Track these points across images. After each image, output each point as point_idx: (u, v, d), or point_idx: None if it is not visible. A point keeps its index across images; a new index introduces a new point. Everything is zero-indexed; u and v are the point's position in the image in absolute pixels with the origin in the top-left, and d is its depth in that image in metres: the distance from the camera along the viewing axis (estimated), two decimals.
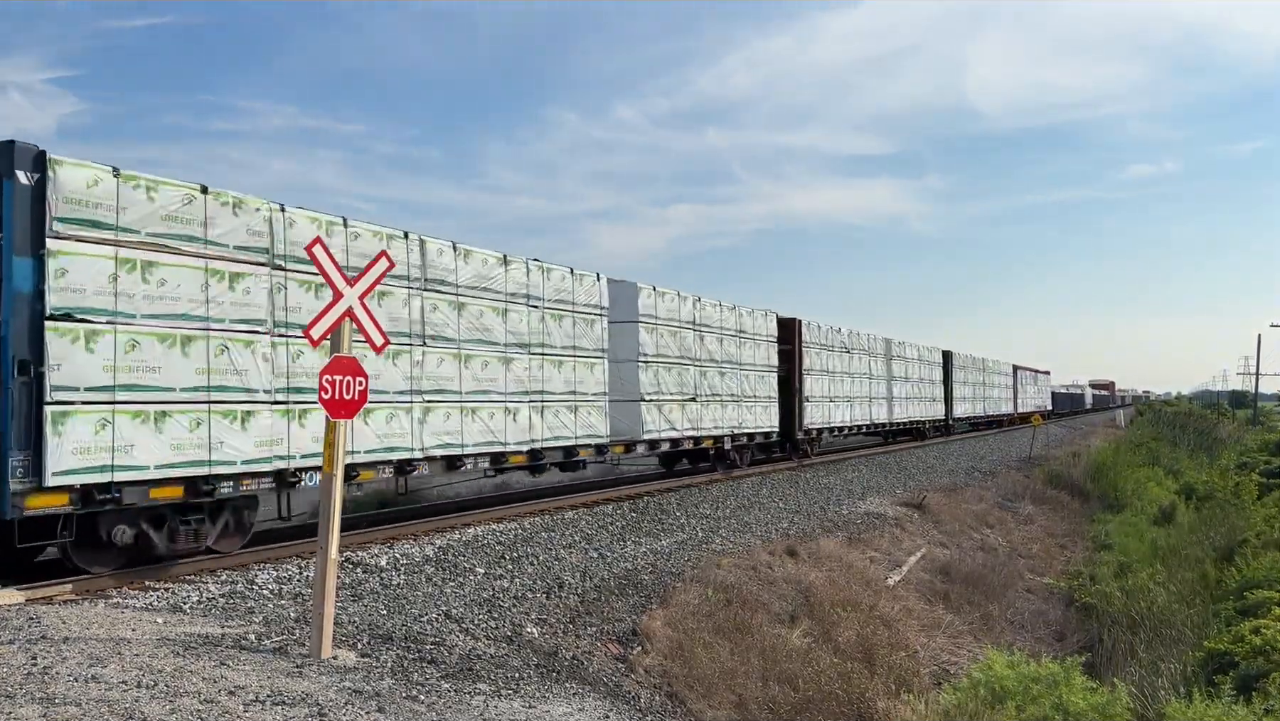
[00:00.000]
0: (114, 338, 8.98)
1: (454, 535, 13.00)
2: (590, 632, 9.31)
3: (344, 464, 7.30)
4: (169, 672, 6.14)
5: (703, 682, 9.21)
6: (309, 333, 7.22)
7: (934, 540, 19.05)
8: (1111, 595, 16.49)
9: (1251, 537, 17.80)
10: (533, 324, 14.97)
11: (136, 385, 9.16)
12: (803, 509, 18.39)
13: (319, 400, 7.06)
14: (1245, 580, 14.12)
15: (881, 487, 23.27)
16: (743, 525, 15.82)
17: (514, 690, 7.04)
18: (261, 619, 8.23)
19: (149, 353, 9.27)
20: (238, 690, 5.92)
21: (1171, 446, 47.60)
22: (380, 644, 7.63)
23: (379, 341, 7.56)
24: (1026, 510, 26.35)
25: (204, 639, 7.29)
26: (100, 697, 5.53)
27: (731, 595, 11.42)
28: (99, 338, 8.86)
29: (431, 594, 9.62)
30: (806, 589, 12.71)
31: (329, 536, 6.97)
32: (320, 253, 7.23)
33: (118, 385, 9.00)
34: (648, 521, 15.29)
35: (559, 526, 14.15)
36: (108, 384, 8.92)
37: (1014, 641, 14.13)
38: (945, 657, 12.85)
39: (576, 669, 8.29)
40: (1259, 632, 10.61)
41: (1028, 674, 9.20)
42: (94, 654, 6.51)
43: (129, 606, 8.53)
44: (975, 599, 15.93)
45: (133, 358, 9.13)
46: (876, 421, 32.74)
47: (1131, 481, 32.62)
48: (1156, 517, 25.21)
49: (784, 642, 10.71)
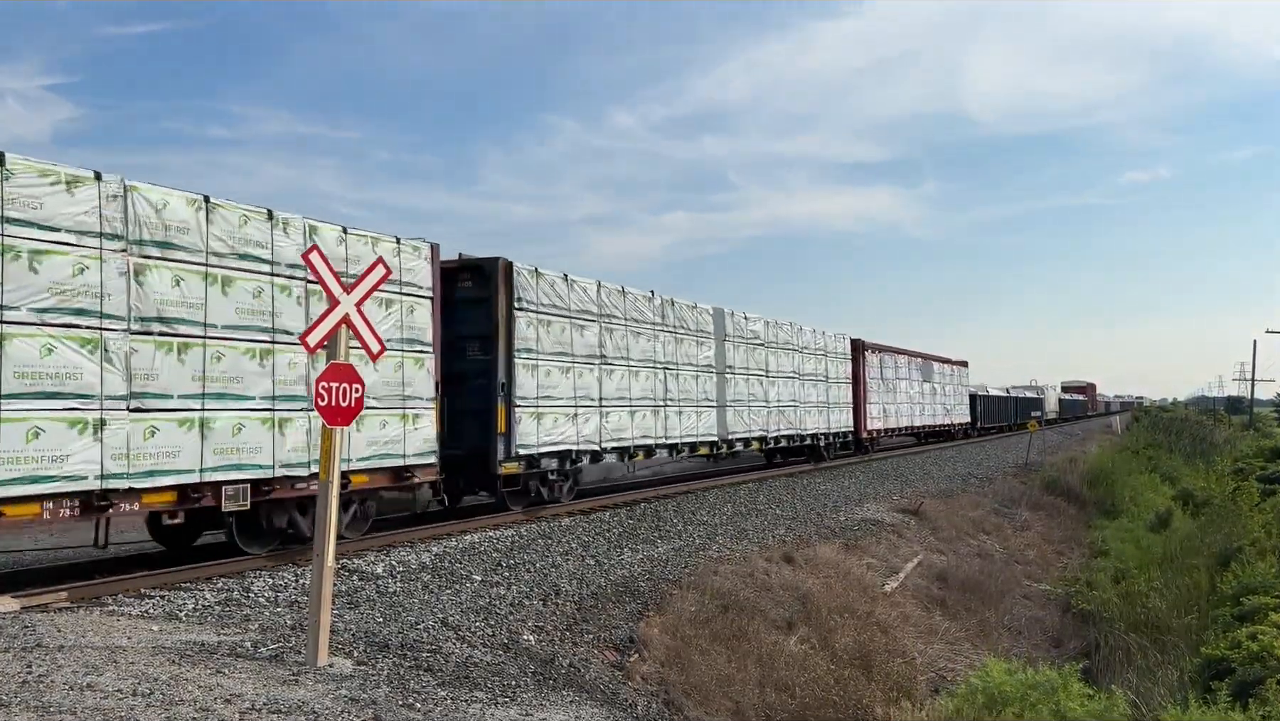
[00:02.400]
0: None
1: (450, 542, 12.98)
2: (587, 640, 9.29)
3: (339, 469, 7.29)
4: (165, 680, 6.12)
5: (700, 690, 9.20)
6: (305, 339, 7.22)
7: (931, 546, 19.04)
8: (1109, 601, 16.50)
9: (1247, 544, 17.80)
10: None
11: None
12: (799, 515, 18.39)
13: (315, 407, 7.06)
14: (1242, 586, 14.12)
15: (879, 494, 23.30)
16: (740, 531, 15.81)
17: (510, 697, 7.02)
18: (258, 626, 8.21)
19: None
20: (234, 698, 5.90)
21: (1168, 452, 47.63)
22: (377, 651, 7.61)
23: (375, 348, 7.55)
24: (1023, 516, 26.36)
25: (200, 646, 7.27)
26: (96, 706, 5.51)
27: (728, 602, 11.40)
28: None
29: (428, 601, 9.61)
30: (804, 595, 12.70)
31: (325, 544, 6.96)
32: (316, 260, 7.23)
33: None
34: (645, 528, 15.27)
35: (555, 533, 14.13)
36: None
37: (1011, 648, 14.13)
38: (943, 664, 12.84)
39: (573, 676, 8.28)
40: (1256, 638, 10.60)
41: (1025, 680, 9.19)
42: (89, 661, 6.49)
43: (124, 613, 8.51)
44: (972, 605, 15.93)
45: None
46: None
47: (1128, 487, 32.63)
48: (1153, 523, 25.22)
49: (781, 649, 10.70)
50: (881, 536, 18.07)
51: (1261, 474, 30.41)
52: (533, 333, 15.55)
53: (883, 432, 34.94)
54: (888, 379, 35.54)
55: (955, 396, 48.11)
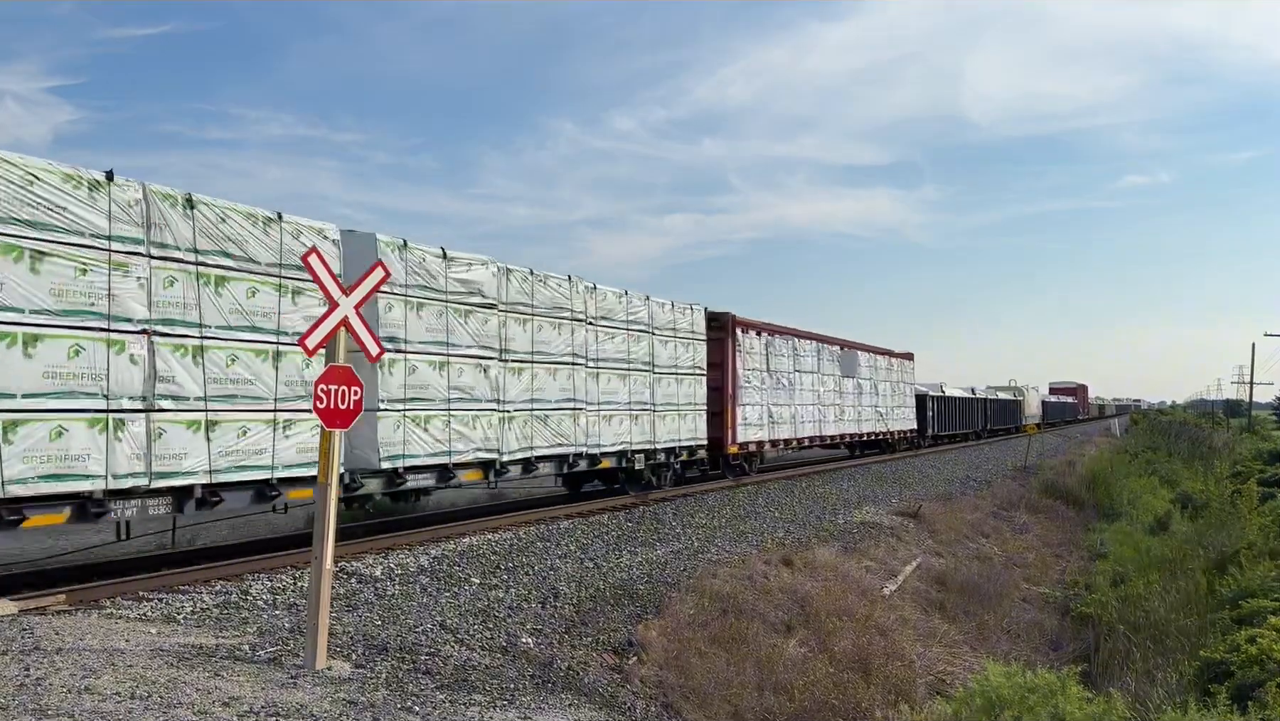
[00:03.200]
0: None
1: (449, 545, 12.98)
2: (586, 643, 9.28)
3: (337, 472, 7.28)
4: (163, 684, 6.12)
5: (698, 693, 9.19)
6: (304, 342, 7.21)
7: (929, 549, 19.04)
8: (1107, 604, 16.48)
9: (1245, 547, 17.81)
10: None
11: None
12: (798, 518, 18.39)
13: (314, 409, 7.05)
14: (1241, 589, 14.12)
15: (878, 497, 23.30)
16: (738, 534, 15.81)
17: (509, 701, 7.01)
18: (256, 629, 8.20)
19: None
20: (232, 701, 5.89)
21: (1167, 456, 47.63)
22: (375, 654, 7.61)
23: (374, 351, 7.55)
24: (1022, 519, 26.36)
25: (198, 649, 7.26)
26: (94, 709, 5.51)
27: (727, 605, 11.40)
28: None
29: (426, 604, 9.60)
30: (802, 598, 12.70)
31: (324, 546, 6.96)
32: (315, 262, 7.23)
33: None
34: (643, 531, 15.27)
35: (554, 536, 14.13)
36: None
37: (1010, 651, 14.11)
38: (941, 667, 12.83)
39: (572, 679, 8.26)
40: (1255, 642, 10.59)
41: (1024, 684, 9.18)
42: (88, 665, 6.48)
43: (123, 616, 8.50)
44: (971, 608, 15.92)
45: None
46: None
47: (1127, 490, 32.62)
48: (1152, 526, 25.21)
49: (780, 652, 10.69)
50: (880, 539, 18.06)
51: (1261, 476, 30.44)
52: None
53: (768, 446, 25.68)
54: (778, 371, 26.11)
55: (895, 397, 38.25)
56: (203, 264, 10.22)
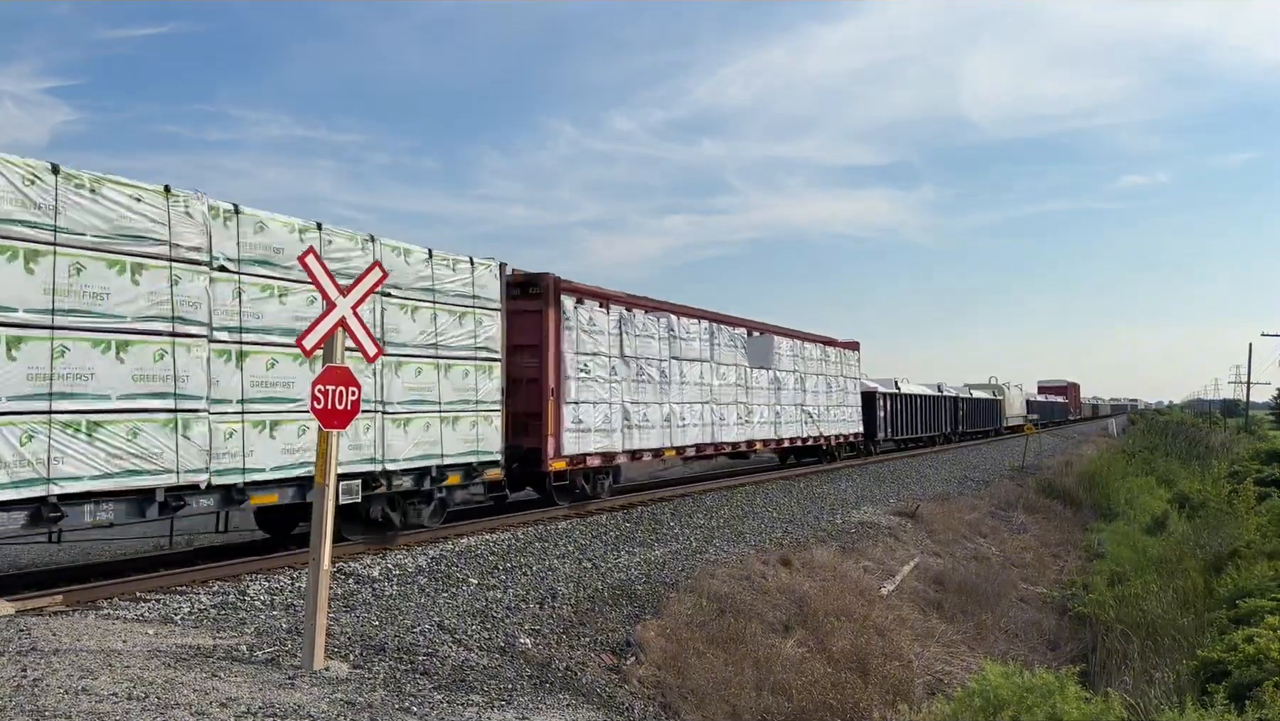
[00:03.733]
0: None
1: (447, 545, 12.97)
2: (584, 643, 9.28)
3: (335, 473, 7.27)
4: (160, 684, 6.11)
5: (696, 693, 9.19)
6: (301, 342, 7.20)
7: (927, 549, 19.04)
8: (1105, 604, 16.49)
9: (1242, 547, 17.82)
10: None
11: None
12: (796, 518, 18.39)
13: (311, 410, 7.04)
14: (1238, 589, 14.13)
15: (875, 497, 23.30)
16: (737, 535, 15.81)
17: (507, 701, 7.01)
18: (253, 630, 8.19)
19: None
20: (229, 702, 5.89)
21: (1165, 455, 47.66)
22: (373, 655, 7.60)
23: (371, 351, 7.54)
24: (1019, 519, 26.37)
25: (196, 650, 7.25)
26: (91, 710, 5.50)
27: (725, 605, 11.40)
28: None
29: (424, 604, 9.59)
30: (800, 598, 12.70)
31: (321, 547, 6.95)
32: (313, 263, 7.22)
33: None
34: (642, 531, 15.27)
35: (552, 536, 14.13)
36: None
37: (1008, 650, 14.12)
38: (939, 667, 12.84)
39: (570, 679, 8.26)
40: (1252, 641, 10.60)
41: (1022, 684, 9.18)
42: (85, 665, 6.47)
43: (120, 617, 8.49)
44: (969, 608, 15.93)
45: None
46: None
47: (1124, 490, 32.64)
48: (1150, 526, 25.23)
49: (778, 652, 10.69)
50: (878, 539, 18.07)
51: (1258, 476, 30.46)
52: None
53: (622, 458, 19.04)
54: (643, 358, 19.56)
55: (833, 394, 31.04)
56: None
